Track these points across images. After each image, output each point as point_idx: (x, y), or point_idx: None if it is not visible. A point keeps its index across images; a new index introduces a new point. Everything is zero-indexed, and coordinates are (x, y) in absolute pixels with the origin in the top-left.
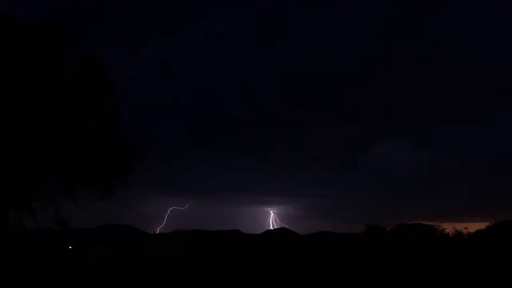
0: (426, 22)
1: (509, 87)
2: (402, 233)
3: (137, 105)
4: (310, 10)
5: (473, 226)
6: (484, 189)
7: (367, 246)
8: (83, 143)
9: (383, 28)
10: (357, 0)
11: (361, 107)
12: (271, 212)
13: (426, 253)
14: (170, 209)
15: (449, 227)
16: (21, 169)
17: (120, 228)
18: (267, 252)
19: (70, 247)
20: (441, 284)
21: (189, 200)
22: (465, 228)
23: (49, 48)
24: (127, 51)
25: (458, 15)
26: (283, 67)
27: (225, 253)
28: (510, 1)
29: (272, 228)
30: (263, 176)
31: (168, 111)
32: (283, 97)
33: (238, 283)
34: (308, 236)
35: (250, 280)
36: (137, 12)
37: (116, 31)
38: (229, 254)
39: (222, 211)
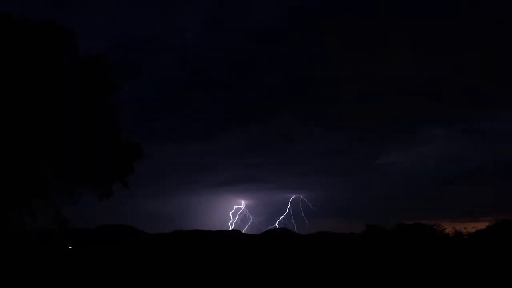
0: None
1: None
2: (402, 233)
3: None
4: None
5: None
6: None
7: (367, 246)
8: (83, 143)
9: None
10: None
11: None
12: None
13: (426, 253)
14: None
15: (449, 227)
16: (21, 169)
17: (120, 228)
18: (267, 252)
19: (70, 247)
20: (441, 284)
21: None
22: (465, 228)
23: (49, 48)
24: None
25: None
26: None
27: (225, 253)
28: None
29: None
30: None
31: None
32: None
33: (238, 283)
34: (308, 236)
35: (250, 280)
36: None
37: None
38: (229, 254)
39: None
